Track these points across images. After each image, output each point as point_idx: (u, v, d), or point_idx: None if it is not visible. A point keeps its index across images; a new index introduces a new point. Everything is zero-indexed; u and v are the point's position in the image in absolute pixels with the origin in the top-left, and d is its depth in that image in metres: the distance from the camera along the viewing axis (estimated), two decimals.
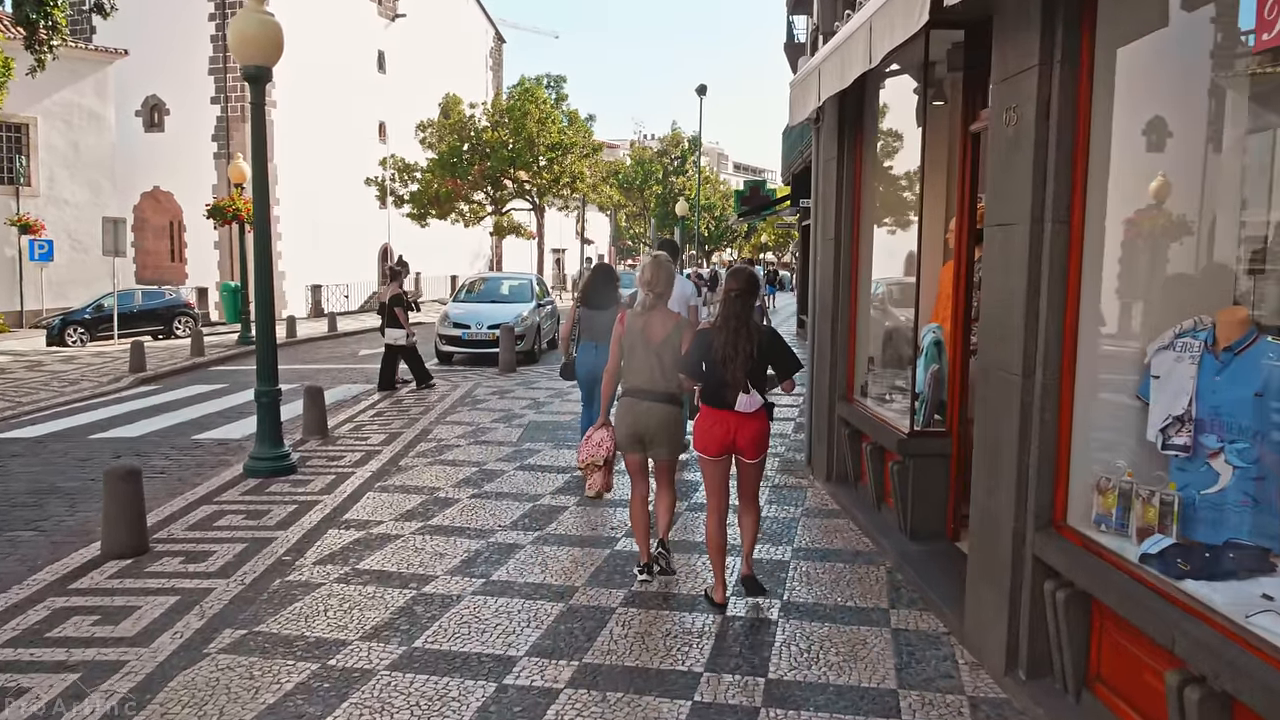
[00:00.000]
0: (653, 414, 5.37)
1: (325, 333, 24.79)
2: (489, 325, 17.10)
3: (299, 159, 39.34)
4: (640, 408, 5.39)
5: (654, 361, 5.37)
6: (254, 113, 8.18)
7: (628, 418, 5.43)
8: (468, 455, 9.08)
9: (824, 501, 7.43)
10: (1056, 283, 3.94)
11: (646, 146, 62.09)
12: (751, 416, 4.99)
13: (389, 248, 45.66)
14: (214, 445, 10.04)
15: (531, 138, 38.54)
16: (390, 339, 13.76)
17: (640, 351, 5.40)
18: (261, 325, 8.26)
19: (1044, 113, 3.93)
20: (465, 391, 13.42)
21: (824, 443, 7.86)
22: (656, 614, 5.06)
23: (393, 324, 13.72)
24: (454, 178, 39.15)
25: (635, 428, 5.41)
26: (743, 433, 5.01)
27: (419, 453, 9.18)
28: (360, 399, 13.16)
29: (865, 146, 7.42)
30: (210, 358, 18.28)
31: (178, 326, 26.22)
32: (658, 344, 5.37)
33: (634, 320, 5.47)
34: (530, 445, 9.56)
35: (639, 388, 5.41)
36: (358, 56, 43.42)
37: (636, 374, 5.43)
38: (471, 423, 10.86)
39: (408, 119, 42.05)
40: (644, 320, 5.45)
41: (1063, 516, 4.01)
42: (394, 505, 7.24)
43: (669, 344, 5.36)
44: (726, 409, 4.98)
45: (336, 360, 18.78)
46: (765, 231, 77.22)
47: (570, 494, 7.61)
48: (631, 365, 5.45)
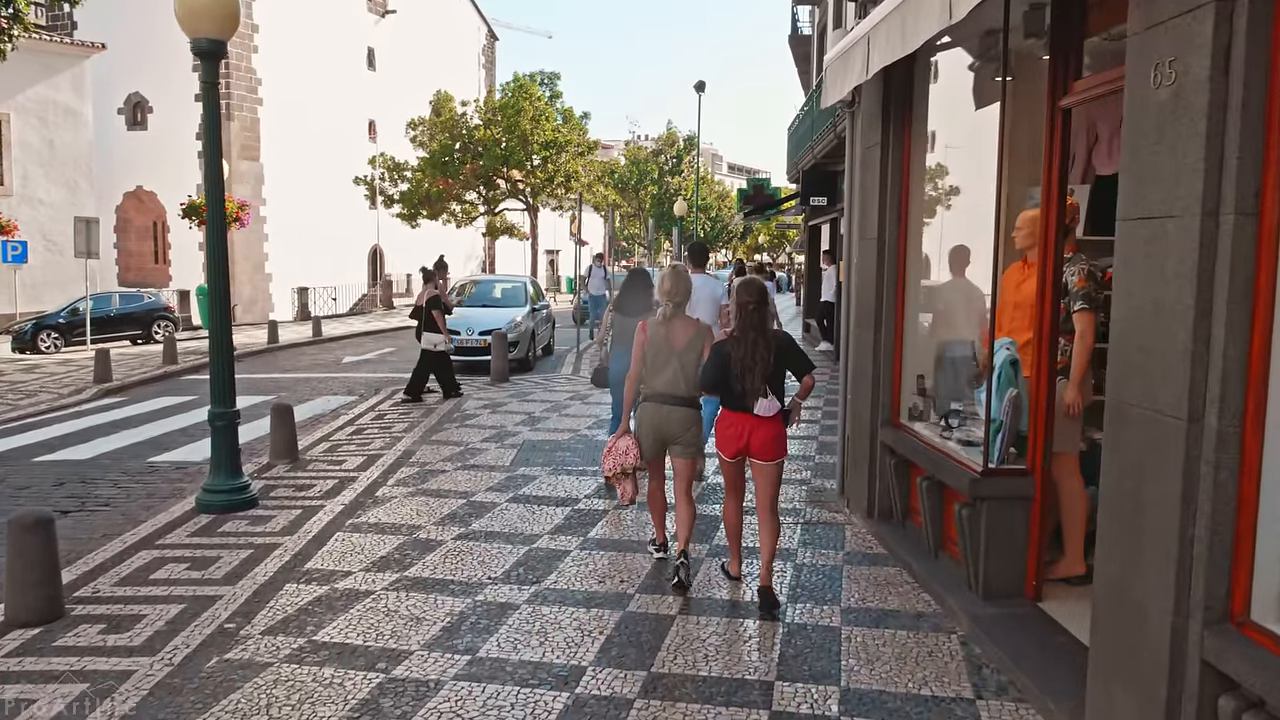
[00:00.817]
0: (674, 416, 5.59)
1: (309, 338, 23.70)
2: (480, 331, 16.06)
3: (286, 158, 38.30)
4: (663, 411, 5.61)
5: (676, 367, 5.57)
6: (206, 93, 7.14)
7: (650, 421, 5.66)
8: (454, 483, 8.03)
9: (867, 543, 6.40)
10: (1239, 297, 2.92)
11: (641, 146, 61.04)
12: (768, 420, 5.19)
13: (380, 249, 44.64)
14: (170, 470, 8.97)
15: (525, 136, 37.50)
16: (427, 344, 12.86)
17: (664, 358, 5.61)
18: (216, 336, 7.19)
19: (1221, 65, 2.90)
20: (454, 404, 12.37)
21: (863, 472, 6.83)
22: (689, 712, 4.03)
23: (430, 328, 12.81)
24: (445, 177, 38.07)
25: (659, 431, 5.64)
26: (756, 435, 5.20)
27: (399, 480, 8.13)
28: (340, 413, 12.11)
29: (914, 131, 6.40)
30: (183, 366, 17.19)
31: (157, 331, 25.10)
32: (680, 350, 5.59)
33: (656, 328, 5.67)
34: (525, 471, 8.51)
35: (661, 393, 5.62)
36: (346, 53, 42.34)
37: (659, 379, 5.63)
38: (460, 442, 9.82)
39: (398, 117, 41.00)
40: (666, 328, 5.66)
41: (1244, 610, 2.99)
42: (365, 550, 6.19)
43: (691, 350, 5.60)
44: (745, 413, 5.20)
45: (319, 368, 17.71)
46: (761, 232, 76.35)
47: (571, 534, 6.57)
48: (655, 371, 5.64)
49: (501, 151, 37.79)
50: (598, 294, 21.52)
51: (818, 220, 20.75)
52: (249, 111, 37.75)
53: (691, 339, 5.61)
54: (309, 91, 39.33)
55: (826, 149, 14.96)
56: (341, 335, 24.95)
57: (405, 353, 20.03)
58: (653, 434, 5.65)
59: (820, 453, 9.31)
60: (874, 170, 6.63)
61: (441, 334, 12.80)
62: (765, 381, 5.15)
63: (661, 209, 56.55)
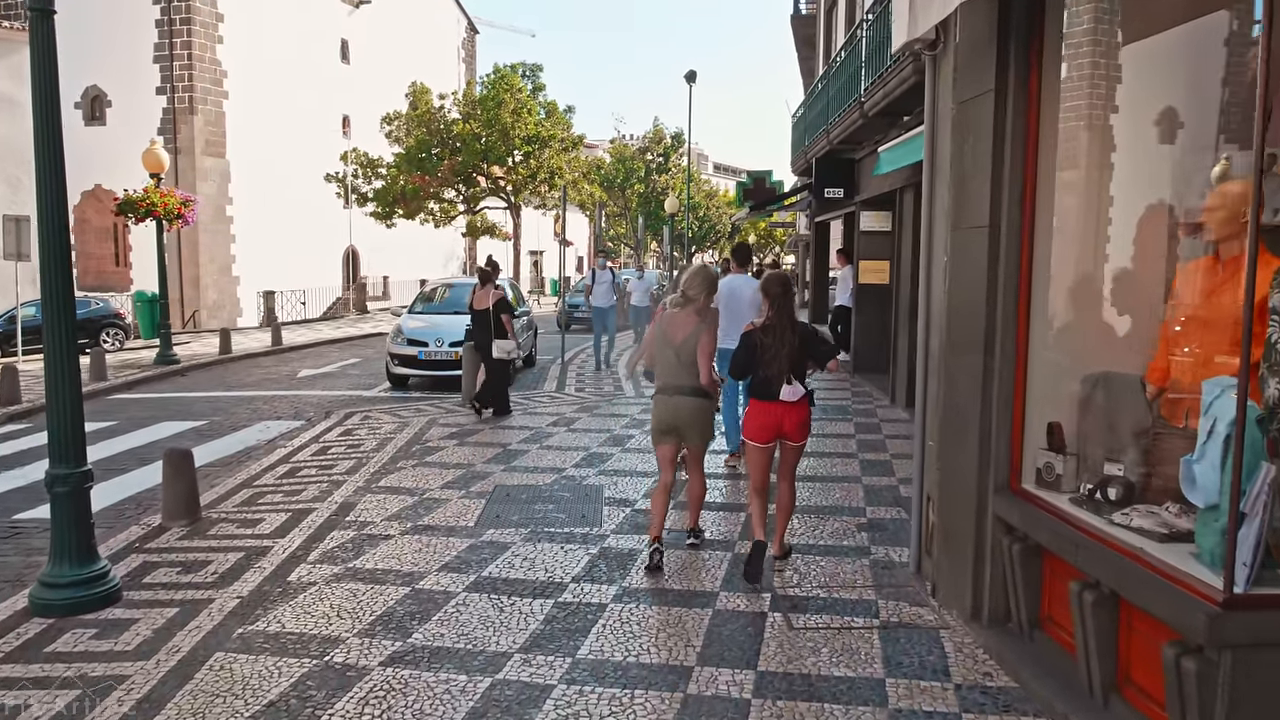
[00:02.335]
0: (683, 407, 5.72)
1: (268, 347, 21.60)
2: (450, 343, 14.07)
3: (254, 154, 36.25)
4: (672, 402, 5.74)
5: (673, 359, 5.70)
6: (37, 55, 5.04)
7: (660, 411, 5.80)
8: (397, 558, 6.02)
9: (981, 668, 4.42)
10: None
11: (628, 144, 58.94)
12: (796, 405, 5.50)
13: (355, 250, 42.52)
14: (37, 532, 6.93)
15: (506, 130, 35.42)
16: (500, 353, 11.54)
17: (663, 350, 5.77)
18: (53, 368, 5.11)
19: None
20: (414, 433, 10.35)
21: (963, 555, 4.87)
22: None
23: (500, 335, 11.55)
24: (421, 174, 35.96)
25: (668, 420, 5.77)
26: (789, 419, 5.53)
27: (325, 553, 6.12)
28: (278, 444, 10.08)
29: (1045, 73, 4.44)
30: (115, 382, 15.13)
31: (105, 340, 22.96)
32: (677, 344, 5.71)
33: (661, 320, 5.87)
34: (493, 535, 6.51)
35: (667, 383, 5.76)
36: (318, 45, 40.23)
37: (663, 370, 5.79)
38: (414, 489, 7.81)
39: (374, 112, 38.84)
40: (668, 321, 5.81)
41: None
42: (258, 685, 4.19)
43: (687, 344, 5.68)
44: (773, 400, 5.49)
45: (270, 383, 15.64)
46: (750, 231, 74.46)
47: (555, 651, 4.57)
48: (658, 362, 5.82)
49: (481, 146, 35.72)
50: (604, 305, 16.52)
51: (828, 215, 18.80)
52: (213, 105, 35.66)
53: (689, 335, 5.71)
54: (278, 85, 37.27)
55: (847, 131, 13.01)
56: (304, 344, 22.86)
57: (369, 364, 18.00)
58: (663, 424, 5.80)
59: (871, 503, 7.35)
60: (981, 131, 4.67)
61: (513, 340, 11.65)
62: (791, 369, 5.46)
63: (649, 208, 54.50)
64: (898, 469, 8.44)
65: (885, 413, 11.45)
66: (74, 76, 34.71)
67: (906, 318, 11.52)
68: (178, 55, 35.13)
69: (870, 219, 14.53)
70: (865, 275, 14.70)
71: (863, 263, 14.69)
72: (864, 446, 9.44)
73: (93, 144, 34.72)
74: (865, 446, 9.43)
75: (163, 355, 17.51)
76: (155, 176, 17.48)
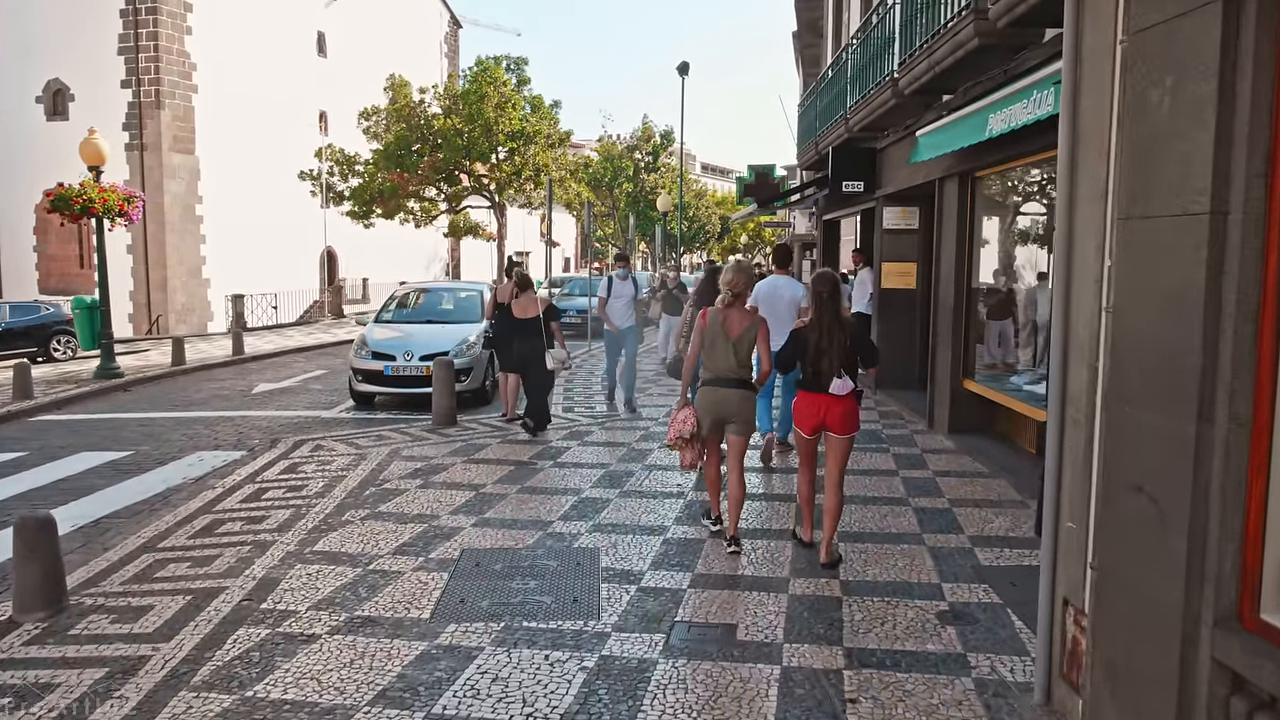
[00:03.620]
0: (731, 398, 6.08)
1: (228, 356, 19.83)
2: (421, 356, 12.37)
3: (226, 151, 34.50)
4: (720, 394, 6.09)
5: (730, 353, 6.02)
6: None
7: (709, 401, 6.12)
8: (317, 680, 4.33)
9: None
10: None
11: (616, 142, 57.17)
12: (843, 398, 5.75)
13: (333, 251, 40.73)
14: None
15: (489, 125, 33.67)
16: (554, 363, 10.47)
17: (720, 344, 6.06)
18: None
19: None
20: (371, 470, 8.67)
21: (1153, 708, 3.22)
22: None
23: (550, 343, 10.55)
24: (400, 171, 34.18)
25: (717, 411, 6.11)
26: (832, 411, 5.78)
27: (218, 671, 4.42)
28: (208, 483, 8.39)
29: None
30: (42, 400, 13.35)
31: (56, 348, 21.16)
32: (735, 339, 6.04)
33: (715, 316, 6.13)
34: (456, 637, 4.82)
35: (718, 376, 6.10)
36: (294, 37, 38.45)
37: (715, 364, 6.10)
38: (358, 555, 6.13)
39: (353, 108, 37.00)
40: (724, 316, 6.11)
41: None
42: None
43: (745, 339, 6.05)
44: (822, 393, 5.76)
45: (220, 401, 13.91)
46: (741, 232, 72.91)
47: None
48: (710, 356, 6.11)
49: (463, 142, 33.96)
50: (623, 324, 12.47)
51: (840, 212, 17.16)
52: (182, 100, 33.86)
53: (746, 329, 6.07)
54: (251, 78, 35.50)
55: (874, 115, 11.37)
56: (269, 353, 21.09)
57: (334, 378, 16.27)
58: (711, 413, 6.13)
59: (946, 577, 5.70)
60: (1193, 66, 3.01)
61: (565, 350, 10.68)
62: (841, 364, 5.71)
63: (638, 208, 52.79)
64: (964, 521, 6.81)
65: (925, 440, 9.83)
66: (35, 69, 33.07)
67: (949, 328, 9.89)
68: (143, 47, 33.34)
69: (895, 215, 12.91)
70: (888, 279, 13.09)
71: (885, 265, 13.07)
72: (914, 489, 7.81)
73: (55, 140, 32.88)
74: (915, 489, 7.80)
75: (103, 368, 15.72)
76: (95, 170, 15.70)
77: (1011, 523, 6.79)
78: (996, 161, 8.70)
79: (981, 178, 9.54)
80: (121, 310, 33.93)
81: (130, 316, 33.99)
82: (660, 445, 9.65)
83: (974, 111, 7.81)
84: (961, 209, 9.70)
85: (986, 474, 8.29)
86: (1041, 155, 7.71)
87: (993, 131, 7.26)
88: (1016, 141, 7.65)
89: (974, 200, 9.68)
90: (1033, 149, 7.69)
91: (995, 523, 6.80)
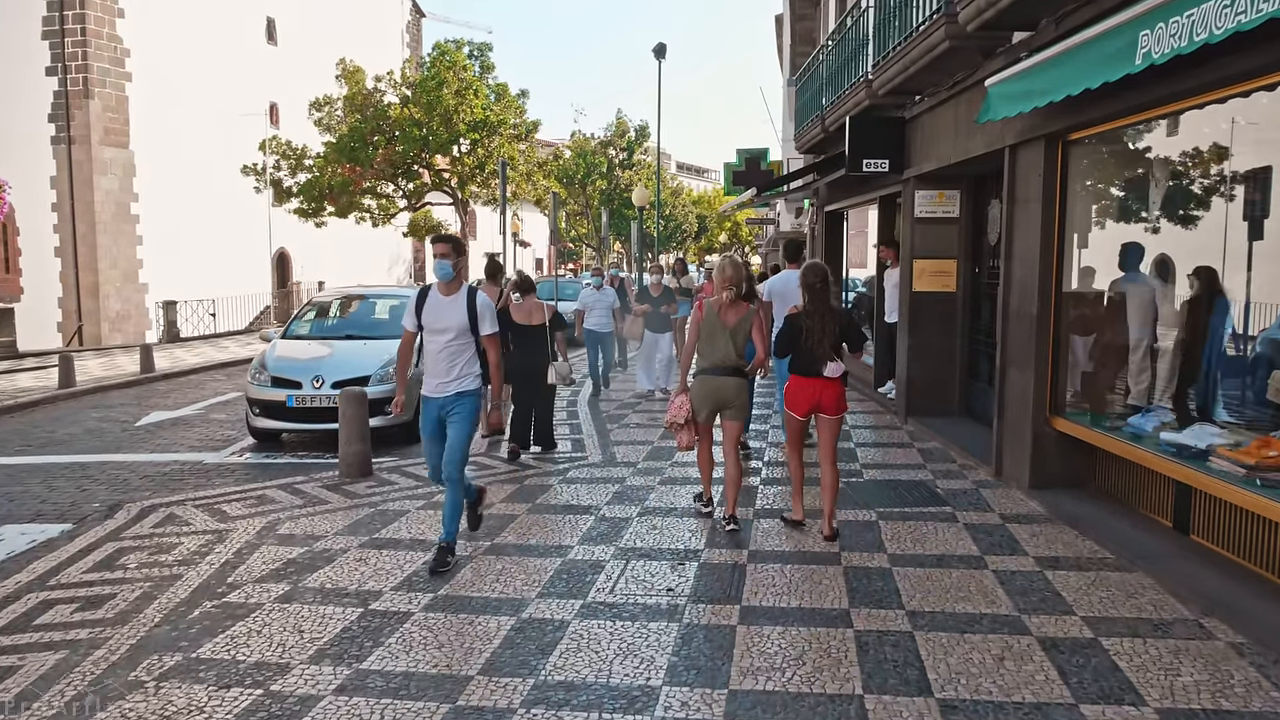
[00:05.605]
0: (728, 386, 6.42)
1: (135, 375, 16.98)
2: (335, 383, 9.68)
3: (165, 145, 31.65)
4: (717, 382, 6.42)
5: (727, 342, 6.38)
6: None
7: (706, 388, 6.45)
8: None
9: None
10: None
11: (588, 137, 54.32)
12: (834, 381, 6.17)
13: (286, 253, 37.84)
14: None
15: (448, 114, 30.86)
16: (556, 377, 9.19)
17: (719, 334, 6.40)
18: None
19: None
20: (222, 563, 5.97)
21: None
22: None
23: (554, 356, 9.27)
24: (353, 165, 31.31)
25: (714, 398, 6.46)
26: (826, 394, 6.18)
27: None
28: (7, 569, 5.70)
29: None
30: None
31: None
32: (732, 328, 6.38)
33: (711, 309, 6.46)
34: None
35: (715, 364, 6.43)
36: (240, 24, 35.53)
37: (713, 353, 6.43)
38: None
39: (306, 100, 34.03)
40: (720, 309, 6.43)
41: None
42: None
43: (740, 329, 6.40)
44: (816, 376, 6.16)
45: (86, 440, 11.10)
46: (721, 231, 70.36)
47: None
48: (708, 346, 6.44)
49: (421, 134, 31.11)
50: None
51: (846, 202, 14.56)
52: (113, 88, 30.95)
53: (741, 320, 6.42)
54: (192, 66, 32.64)
55: (916, 67, 8.76)
56: (187, 369, 18.24)
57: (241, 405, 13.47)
58: (709, 400, 6.46)
59: None
60: None
61: (567, 362, 9.40)
62: (835, 349, 6.13)
63: (612, 205, 50.00)
64: (1133, 673, 4.22)
65: (999, 500, 7.24)
66: None
67: (1029, 347, 7.32)
68: (70, 31, 30.46)
69: (929, 200, 10.36)
70: (920, 280, 10.52)
71: (917, 262, 10.50)
72: (1020, 593, 5.19)
73: None
74: (1022, 594, 5.19)
75: None
76: None
77: (1212, 676, 4.20)
78: (1117, 113, 6.12)
79: (1077, 141, 6.98)
80: (50, 318, 30.97)
81: (59, 325, 31.05)
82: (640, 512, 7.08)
83: (1104, 33, 5.22)
84: (1048, 186, 7.12)
85: (1114, 564, 5.72)
86: (1226, 91, 5.17)
87: (1154, 56, 4.67)
88: (1160, 78, 5.17)
89: (1066, 173, 7.10)
90: (1200, 84, 5.15)
91: (1184, 676, 4.20)
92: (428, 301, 5.94)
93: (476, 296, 5.94)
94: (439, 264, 5.91)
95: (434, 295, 5.96)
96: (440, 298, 5.93)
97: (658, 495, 7.61)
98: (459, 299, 5.91)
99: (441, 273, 5.90)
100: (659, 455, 9.20)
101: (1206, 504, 5.80)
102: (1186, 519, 6.05)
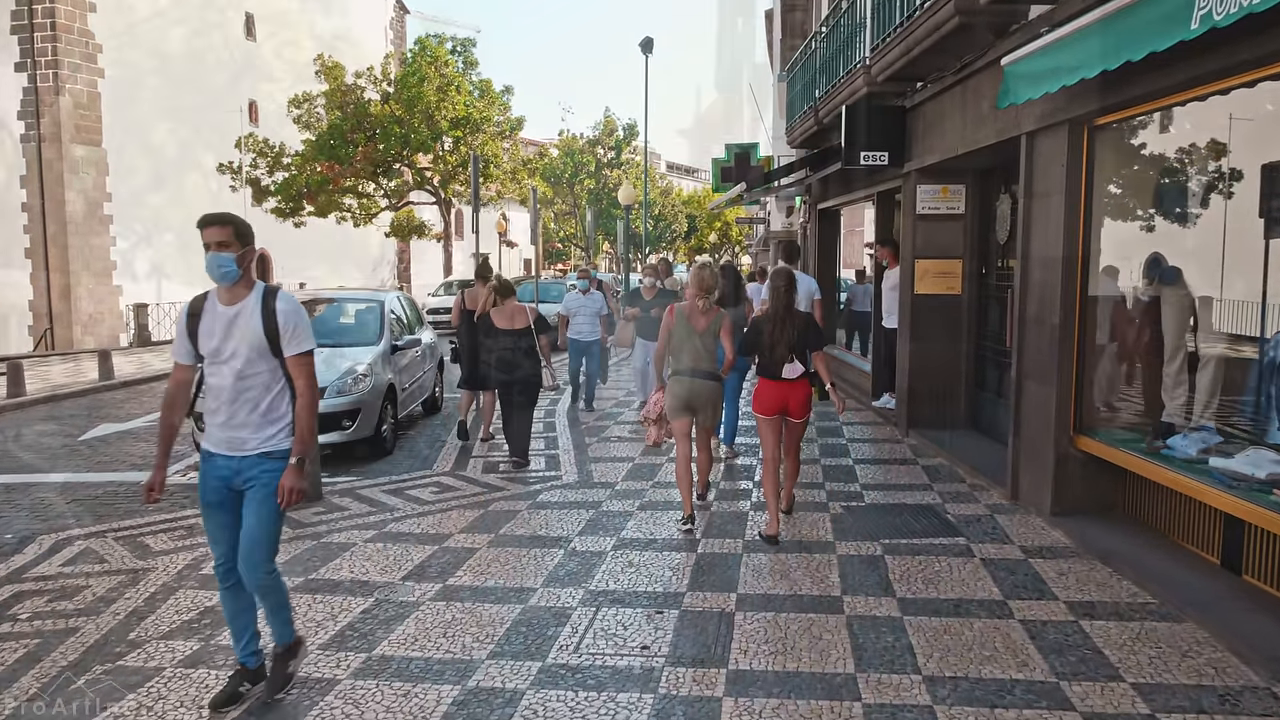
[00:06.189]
0: (702, 389, 6.57)
1: (92, 383, 16.12)
2: None
3: (139, 143, 30.73)
4: (692, 384, 6.55)
5: (698, 346, 6.55)
6: None
7: (680, 390, 6.58)
8: None
9: None
10: None
11: (575, 136, 53.45)
12: (797, 382, 6.30)
13: (266, 254, 36.90)
14: None
15: (430, 111, 30.02)
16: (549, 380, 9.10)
17: (687, 339, 6.57)
18: None
19: None
20: (130, 611, 5.15)
21: None
22: None
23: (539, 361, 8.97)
24: (331, 163, 30.44)
25: (687, 399, 6.57)
26: (793, 397, 6.31)
27: None
28: None
29: None
30: None
31: None
32: (700, 332, 6.56)
33: (680, 313, 6.63)
34: None
35: (689, 367, 6.57)
36: (217, 19, 34.56)
37: (685, 357, 6.59)
38: None
39: (286, 97, 33.09)
40: (690, 314, 6.60)
41: None
42: None
43: (709, 332, 6.58)
44: (777, 379, 6.29)
45: (29, 454, 10.24)
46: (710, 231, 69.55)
47: None
48: (679, 350, 6.61)
49: (402, 131, 30.26)
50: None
51: (840, 199, 13.79)
52: (85, 85, 29.98)
53: (710, 324, 6.59)
54: (167, 63, 31.68)
55: (920, 48, 7.99)
56: (150, 376, 17.36)
57: None
58: (684, 401, 6.57)
59: None
60: None
61: (550, 369, 9.14)
62: (791, 351, 6.23)
63: (600, 205, 49.15)
64: None
65: (1017, 528, 6.46)
66: None
67: (1051, 358, 6.54)
68: (39, 25, 29.51)
69: (932, 196, 9.58)
70: (923, 281, 9.75)
71: (919, 262, 9.73)
72: (1063, 661, 4.39)
73: None
74: (1067, 662, 4.39)
75: None
76: None
77: None
78: (1156, 92, 5.35)
79: (1105, 126, 6.20)
80: (20, 321, 30.06)
81: (30, 329, 30.12)
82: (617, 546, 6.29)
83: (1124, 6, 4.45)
84: (1072, 178, 6.34)
85: (1159, 611, 4.94)
86: None
87: (1215, 18, 3.89)
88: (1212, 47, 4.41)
89: (1091, 163, 6.33)
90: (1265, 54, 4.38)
91: None
92: (204, 316, 3.97)
93: (277, 300, 3.97)
94: (212, 258, 3.88)
95: (212, 306, 3.98)
96: (221, 309, 3.95)
97: (636, 523, 6.82)
98: (249, 307, 3.93)
99: (219, 271, 3.89)
100: (639, 474, 8.40)
101: (1264, 540, 5.03)
102: (1238, 556, 5.28)
